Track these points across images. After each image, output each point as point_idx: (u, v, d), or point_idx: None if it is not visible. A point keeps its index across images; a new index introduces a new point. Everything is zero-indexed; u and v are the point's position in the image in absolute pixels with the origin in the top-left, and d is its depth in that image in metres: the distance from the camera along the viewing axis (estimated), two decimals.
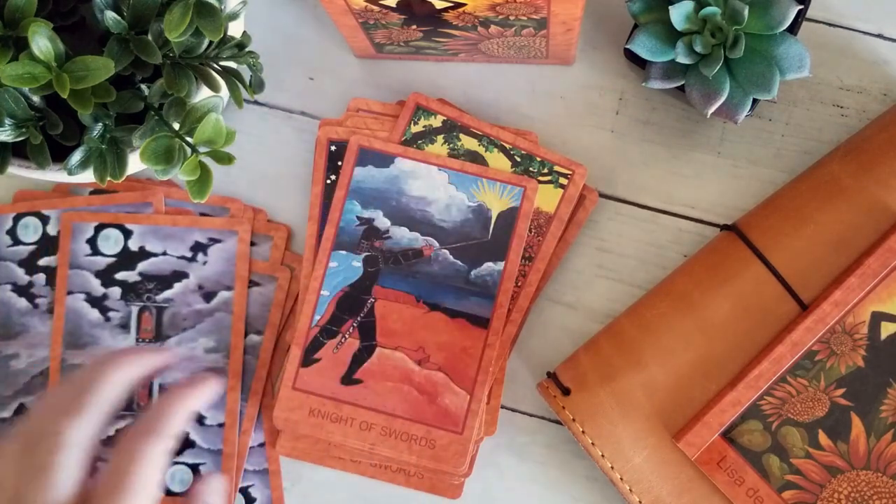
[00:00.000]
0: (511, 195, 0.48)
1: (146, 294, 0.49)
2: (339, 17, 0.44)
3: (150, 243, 0.50)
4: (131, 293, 0.50)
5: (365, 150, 0.48)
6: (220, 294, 0.50)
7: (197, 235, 0.50)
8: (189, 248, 0.50)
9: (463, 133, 0.49)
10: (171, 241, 0.50)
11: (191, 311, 0.50)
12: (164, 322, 0.49)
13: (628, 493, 0.45)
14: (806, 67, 0.43)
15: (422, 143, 0.49)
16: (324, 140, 0.49)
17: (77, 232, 0.50)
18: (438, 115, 0.49)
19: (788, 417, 0.44)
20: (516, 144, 0.48)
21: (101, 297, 0.50)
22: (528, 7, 0.41)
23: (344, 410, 0.47)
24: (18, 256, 0.51)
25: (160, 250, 0.50)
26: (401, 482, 0.48)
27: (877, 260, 0.44)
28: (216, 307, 0.50)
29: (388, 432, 0.46)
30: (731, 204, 0.49)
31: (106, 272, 0.50)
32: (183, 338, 0.49)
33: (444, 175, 0.48)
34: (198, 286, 0.50)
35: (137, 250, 0.50)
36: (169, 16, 0.37)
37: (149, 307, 0.49)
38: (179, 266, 0.50)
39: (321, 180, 0.49)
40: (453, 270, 0.47)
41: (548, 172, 0.48)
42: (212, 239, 0.50)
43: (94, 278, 0.50)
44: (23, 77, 0.36)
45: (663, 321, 0.46)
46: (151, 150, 0.38)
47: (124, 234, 0.50)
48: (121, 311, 0.50)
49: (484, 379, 0.47)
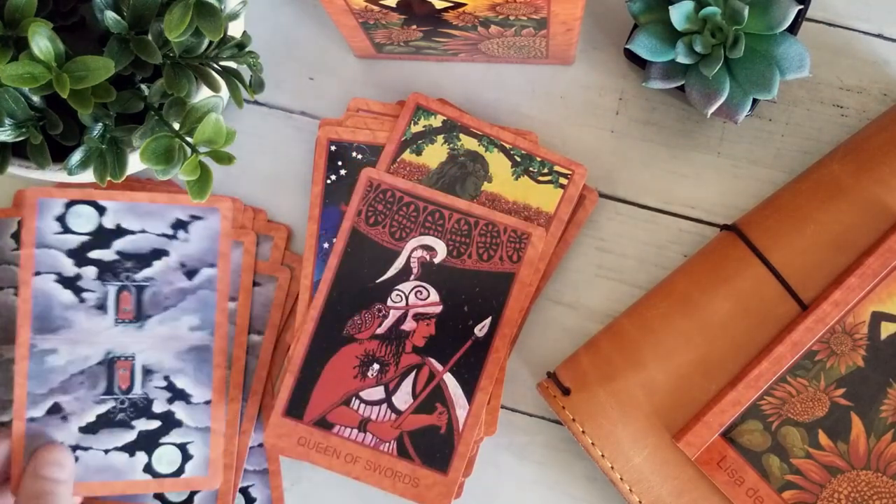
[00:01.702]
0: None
1: (124, 273, 0.48)
2: (339, 17, 0.44)
3: (126, 220, 0.48)
4: (108, 273, 0.48)
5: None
6: (203, 271, 0.49)
7: (177, 212, 0.49)
8: (170, 226, 0.49)
9: (463, 133, 0.49)
10: (150, 218, 0.49)
11: (173, 290, 0.49)
12: (145, 301, 0.48)
13: (628, 493, 0.45)
14: (806, 67, 0.43)
15: (422, 144, 0.48)
16: (324, 140, 0.49)
17: (44, 208, 0.47)
18: (438, 115, 0.49)
19: (788, 417, 0.44)
20: (516, 144, 0.48)
21: (73, 278, 0.47)
22: (528, 7, 0.41)
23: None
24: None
25: (138, 228, 0.49)
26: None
27: (877, 260, 0.44)
28: (200, 284, 0.49)
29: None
30: (731, 204, 0.49)
31: (79, 251, 0.48)
32: (165, 317, 0.48)
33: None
34: (180, 264, 0.49)
35: (114, 228, 0.48)
36: (169, 16, 0.37)
37: (128, 286, 0.48)
38: (159, 244, 0.49)
39: (321, 180, 0.49)
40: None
41: (548, 172, 0.48)
42: (193, 216, 0.49)
43: (66, 257, 0.48)
44: (23, 77, 0.36)
45: (663, 321, 0.46)
46: (151, 150, 0.38)
47: (98, 211, 0.48)
48: (97, 291, 0.48)
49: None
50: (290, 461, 0.50)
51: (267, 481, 0.49)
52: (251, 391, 0.49)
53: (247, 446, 0.49)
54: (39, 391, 0.47)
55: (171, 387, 0.48)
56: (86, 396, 0.47)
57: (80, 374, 0.47)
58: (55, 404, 0.47)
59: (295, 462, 0.49)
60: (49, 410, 0.47)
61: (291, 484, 0.50)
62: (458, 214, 0.48)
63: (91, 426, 0.47)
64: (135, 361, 0.48)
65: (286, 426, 0.47)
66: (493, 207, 0.48)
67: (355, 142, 0.49)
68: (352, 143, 0.49)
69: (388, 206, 0.48)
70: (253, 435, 0.49)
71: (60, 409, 0.47)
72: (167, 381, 0.48)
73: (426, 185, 0.49)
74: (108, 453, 0.47)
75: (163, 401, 0.48)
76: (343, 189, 0.49)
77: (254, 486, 0.49)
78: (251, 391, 0.49)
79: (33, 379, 0.47)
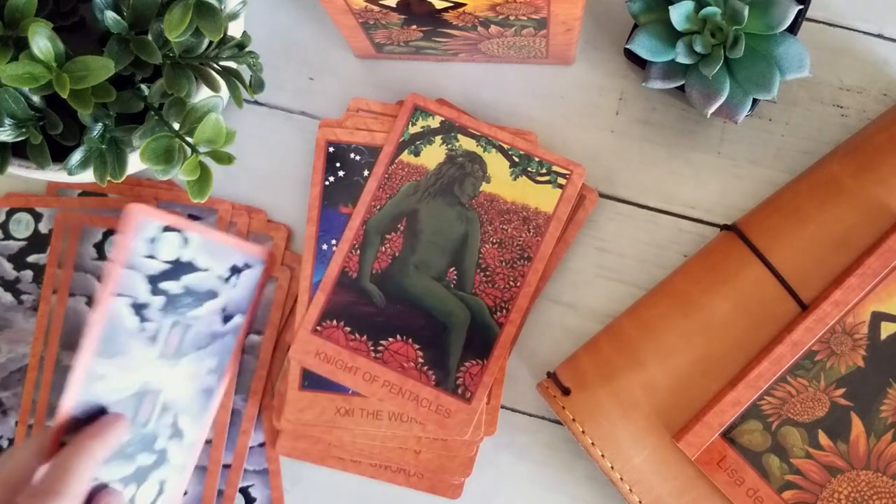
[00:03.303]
0: None
1: (182, 308, 0.45)
2: (339, 17, 0.44)
3: (200, 256, 0.45)
4: (170, 305, 0.44)
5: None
6: (235, 318, 0.48)
7: (236, 257, 0.47)
8: (228, 269, 0.47)
9: (461, 134, 0.49)
10: (217, 258, 0.46)
11: (209, 332, 0.47)
12: (186, 339, 0.46)
13: (628, 493, 0.45)
14: (806, 67, 0.43)
15: (420, 144, 0.48)
16: (322, 142, 0.49)
17: (142, 227, 0.43)
18: (436, 115, 0.49)
19: (788, 417, 0.44)
20: (514, 145, 0.48)
21: (143, 305, 0.43)
22: (528, 7, 0.41)
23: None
24: (8, 251, 0.51)
25: (205, 266, 0.46)
26: (401, 482, 0.48)
27: (877, 260, 0.44)
28: (228, 330, 0.48)
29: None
30: (731, 204, 0.49)
31: (156, 279, 0.44)
32: (193, 357, 0.46)
33: None
34: (222, 308, 0.47)
35: (189, 261, 0.45)
36: (169, 16, 0.37)
37: (180, 322, 0.45)
38: (215, 286, 0.46)
39: (320, 182, 0.49)
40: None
41: (546, 172, 0.48)
42: (246, 264, 0.48)
43: (146, 283, 0.43)
44: (23, 77, 0.36)
45: (663, 321, 0.46)
46: (151, 150, 0.38)
47: (183, 241, 0.44)
48: (156, 321, 0.44)
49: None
50: (290, 461, 0.50)
51: (267, 481, 0.49)
52: (251, 391, 0.49)
53: (246, 446, 0.49)
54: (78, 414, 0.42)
55: (175, 424, 0.46)
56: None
57: (116, 405, 0.43)
58: None
59: (295, 462, 0.49)
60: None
61: (291, 484, 0.50)
62: None
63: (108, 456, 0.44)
64: (158, 397, 0.45)
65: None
66: (491, 208, 0.48)
67: (353, 143, 0.49)
68: (350, 144, 0.49)
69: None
70: (253, 435, 0.49)
71: None
72: (174, 419, 0.46)
73: (424, 185, 0.49)
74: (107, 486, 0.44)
75: (164, 437, 0.46)
76: (342, 190, 0.49)
77: (254, 486, 0.49)
78: (251, 391, 0.49)
79: (79, 402, 0.42)
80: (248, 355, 0.50)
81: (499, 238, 0.48)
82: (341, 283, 0.48)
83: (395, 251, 0.48)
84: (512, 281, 0.48)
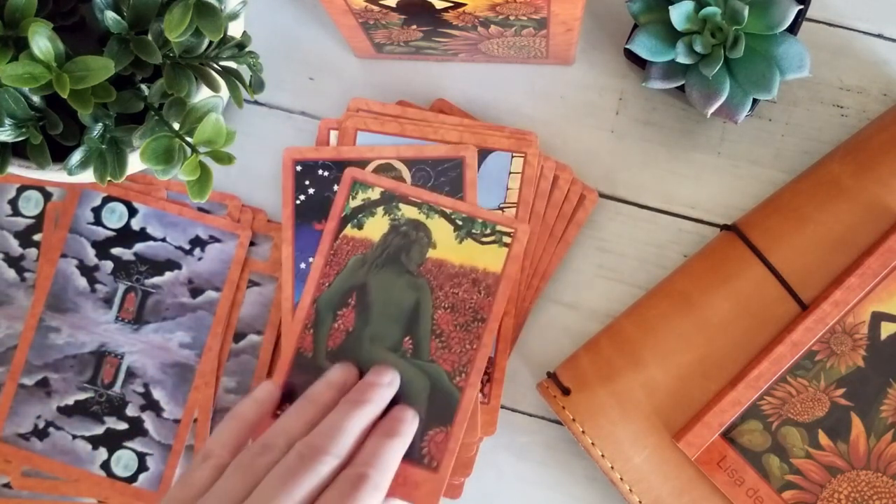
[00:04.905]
0: None
1: (136, 275, 0.50)
2: (339, 17, 0.44)
3: (152, 226, 0.50)
4: (122, 271, 0.50)
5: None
6: (208, 293, 0.50)
7: (199, 230, 0.50)
8: (188, 241, 0.50)
9: (402, 202, 0.48)
10: (173, 229, 0.50)
11: (175, 303, 0.50)
12: (147, 306, 0.50)
13: (628, 493, 0.45)
14: (806, 67, 0.43)
15: (362, 217, 0.48)
16: (289, 162, 0.49)
17: (84, 199, 0.50)
18: (376, 187, 0.48)
19: (788, 417, 0.44)
20: (456, 208, 0.48)
21: (92, 268, 0.50)
22: (528, 7, 0.41)
23: None
24: (15, 227, 0.51)
25: (160, 235, 0.50)
26: None
27: (877, 260, 0.44)
28: (200, 305, 0.50)
29: None
30: (731, 204, 0.49)
31: (104, 244, 0.50)
32: (161, 326, 0.50)
33: None
34: (188, 280, 0.50)
35: (138, 230, 0.50)
36: (169, 16, 0.37)
37: (135, 288, 0.50)
38: (175, 256, 0.50)
39: (290, 202, 0.49)
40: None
41: (490, 233, 0.47)
42: (212, 237, 0.50)
43: (91, 248, 0.50)
44: (23, 77, 0.36)
45: (663, 321, 0.46)
46: (151, 150, 0.38)
47: (129, 212, 0.50)
48: (108, 285, 0.50)
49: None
50: None
51: None
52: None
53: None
54: (36, 362, 0.50)
55: (148, 395, 0.50)
56: (72, 380, 0.50)
57: (72, 358, 0.50)
58: (44, 378, 0.50)
59: None
60: (38, 382, 0.50)
61: None
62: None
63: (68, 409, 0.50)
64: (122, 360, 0.50)
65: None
66: (440, 273, 0.48)
67: (321, 159, 0.49)
68: (318, 160, 0.49)
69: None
70: None
71: (48, 384, 0.50)
72: (145, 389, 0.50)
73: (371, 258, 0.48)
74: (74, 439, 0.49)
75: (136, 406, 0.49)
76: (314, 206, 0.49)
77: None
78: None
79: (34, 349, 0.50)
80: (248, 355, 0.50)
81: (451, 302, 0.47)
82: (297, 364, 0.47)
83: (348, 327, 0.47)
84: (468, 344, 0.47)
